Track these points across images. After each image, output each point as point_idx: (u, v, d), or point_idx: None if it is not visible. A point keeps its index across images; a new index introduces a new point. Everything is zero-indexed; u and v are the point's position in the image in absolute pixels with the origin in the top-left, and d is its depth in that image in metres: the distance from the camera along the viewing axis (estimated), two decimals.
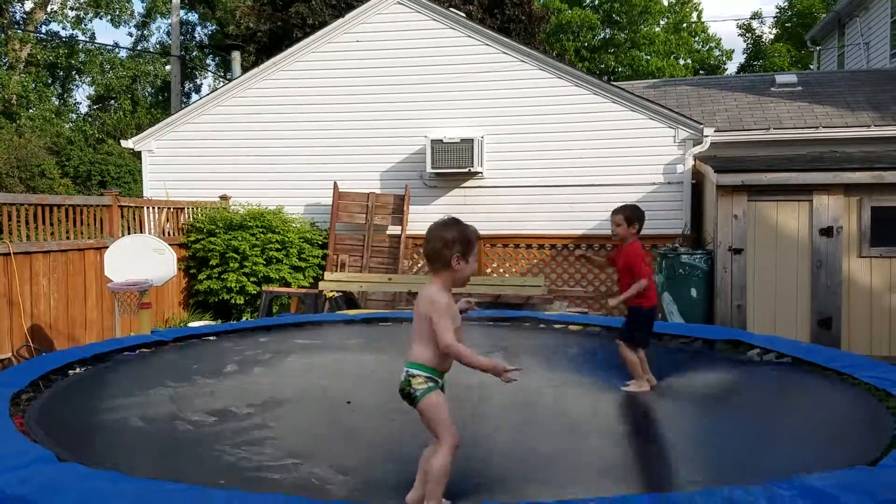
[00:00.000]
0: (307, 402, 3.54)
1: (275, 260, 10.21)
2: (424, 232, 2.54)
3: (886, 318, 8.38)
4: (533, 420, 3.20)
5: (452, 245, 2.41)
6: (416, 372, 2.36)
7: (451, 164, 10.36)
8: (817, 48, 19.81)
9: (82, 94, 54.32)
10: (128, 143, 11.99)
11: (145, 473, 2.40)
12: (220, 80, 27.61)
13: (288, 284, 10.27)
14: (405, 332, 5.26)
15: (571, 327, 5.46)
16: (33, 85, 25.70)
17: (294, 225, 10.61)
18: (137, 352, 4.33)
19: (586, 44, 30.70)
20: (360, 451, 2.81)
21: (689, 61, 31.48)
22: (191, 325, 8.31)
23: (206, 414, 3.13)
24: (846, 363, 3.85)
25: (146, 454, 2.67)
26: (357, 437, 2.98)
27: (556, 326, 5.51)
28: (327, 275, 9.80)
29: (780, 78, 13.41)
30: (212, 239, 10.17)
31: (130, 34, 33.39)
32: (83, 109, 30.42)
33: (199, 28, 31.45)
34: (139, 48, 30.81)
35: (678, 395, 3.59)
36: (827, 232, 8.49)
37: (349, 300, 9.96)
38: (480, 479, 2.43)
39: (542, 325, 5.54)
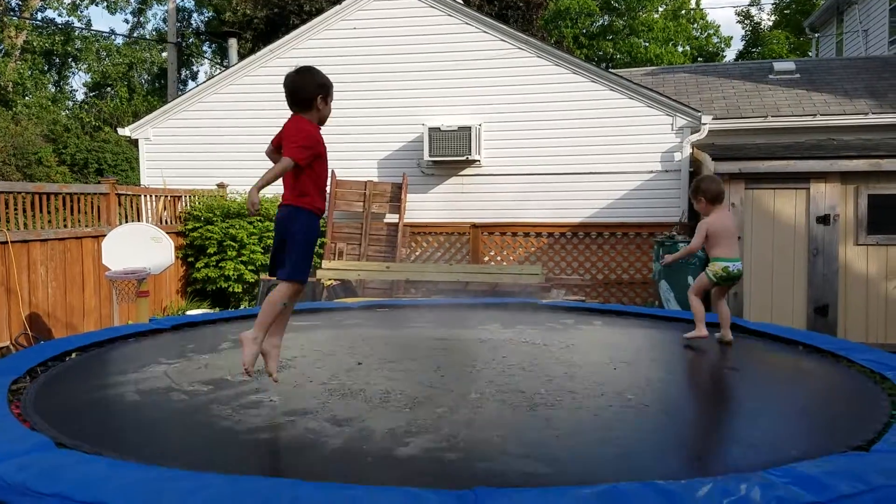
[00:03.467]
0: (302, 369, 3.58)
1: None
2: (422, 220, 2.57)
3: (882, 305, 8.42)
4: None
5: None
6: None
7: (449, 152, 10.35)
8: (816, 35, 19.77)
9: (79, 82, 54.05)
10: (125, 131, 11.96)
11: (144, 447, 2.43)
12: (217, 67, 27.49)
13: None
14: (403, 317, 5.31)
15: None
16: (29, 72, 25.59)
17: None
18: (135, 339, 4.35)
19: (584, 30, 30.60)
20: (356, 406, 2.86)
21: (687, 48, 31.37)
22: (189, 313, 8.32)
23: (202, 384, 3.18)
24: (840, 347, 3.89)
25: (144, 427, 2.71)
26: (353, 395, 3.04)
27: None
28: (325, 263, 9.81)
29: (779, 65, 13.37)
30: (209, 227, 10.16)
31: (126, 21, 33.30)
32: (79, 97, 30.32)
33: (195, 15, 31.33)
34: (135, 35, 30.66)
35: (670, 377, 3.62)
36: (824, 220, 8.50)
37: (347, 288, 9.97)
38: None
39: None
